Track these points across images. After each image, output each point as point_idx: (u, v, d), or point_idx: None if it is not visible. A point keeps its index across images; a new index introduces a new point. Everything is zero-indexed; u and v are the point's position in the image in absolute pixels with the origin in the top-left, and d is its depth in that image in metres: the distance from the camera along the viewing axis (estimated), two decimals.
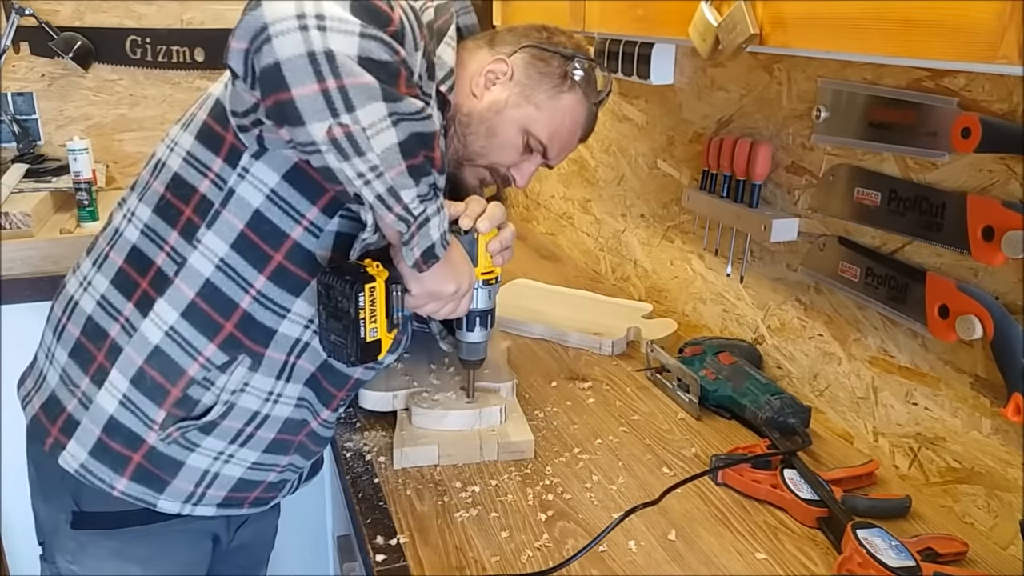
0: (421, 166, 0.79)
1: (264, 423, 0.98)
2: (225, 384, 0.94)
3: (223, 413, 0.95)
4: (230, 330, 0.92)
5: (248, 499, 1.06)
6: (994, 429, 0.93)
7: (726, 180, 1.30)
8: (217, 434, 0.96)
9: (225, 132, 0.89)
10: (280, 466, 1.06)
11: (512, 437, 1.08)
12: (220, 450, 0.98)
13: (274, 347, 0.94)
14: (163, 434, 0.94)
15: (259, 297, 0.92)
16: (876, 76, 1.03)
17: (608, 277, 1.83)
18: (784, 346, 1.27)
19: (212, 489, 1.00)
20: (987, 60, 0.59)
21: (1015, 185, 0.88)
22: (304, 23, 0.71)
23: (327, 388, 1.02)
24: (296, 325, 0.94)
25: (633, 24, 1.06)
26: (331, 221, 0.91)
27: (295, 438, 1.04)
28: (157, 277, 0.92)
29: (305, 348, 0.97)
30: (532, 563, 0.87)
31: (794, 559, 0.90)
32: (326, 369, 1.00)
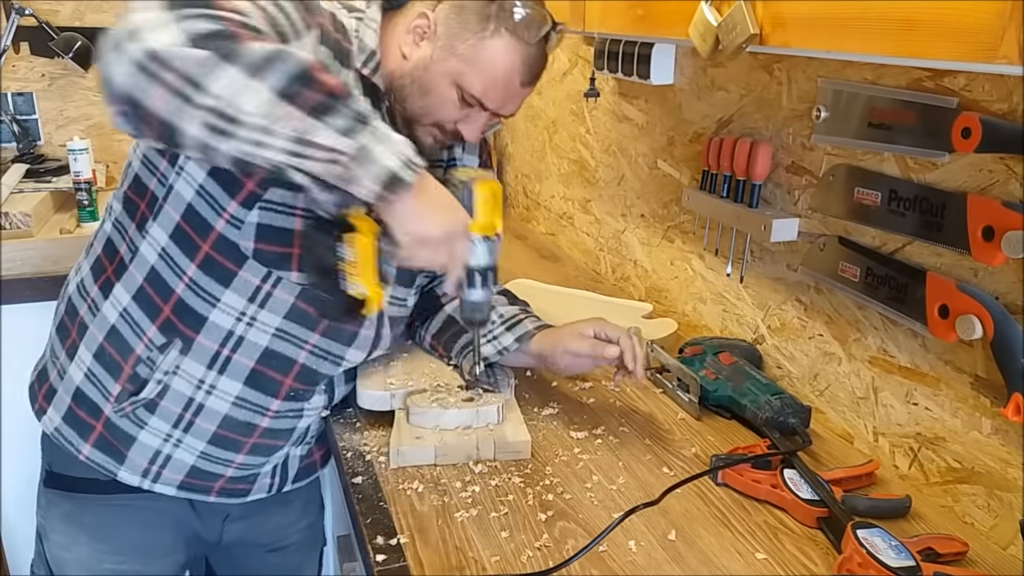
0: (322, 103, 0.74)
1: (200, 412, 1.03)
2: (161, 364, 1.01)
3: (159, 393, 1.02)
4: (167, 314, 1.00)
5: (213, 488, 1.10)
6: (994, 429, 0.93)
7: (726, 180, 1.30)
8: (160, 415, 1.03)
9: None
10: (235, 463, 1.08)
11: (509, 437, 1.08)
12: (167, 432, 1.04)
13: (205, 335, 1.00)
14: (117, 407, 1.03)
15: (191, 284, 0.98)
16: (876, 76, 1.03)
17: (608, 277, 1.83)
18: (784, 346, 1.27)
19: (167, 470, 1.06)
20: (987, 60, 0.59)
21: (1015, 185, 0.88)
22: (121, 46, 0.71)
23: (272, 377, 1.04)
24: (227, 316, 0.99)
25: (633, 24, 1.06)
26: (250, 213, 0.95)
27: (245, 439, 1.07)
28: (119, 264, 1.02)
29: (240, 342, 1.01)
30: (532, 563, 0.87)
31: (794, 559, 0.90)
32: (268, 359, 1.02)
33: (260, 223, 0.96)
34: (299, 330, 1.03)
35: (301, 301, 1.01)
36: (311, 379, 1.07)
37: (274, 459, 1.13)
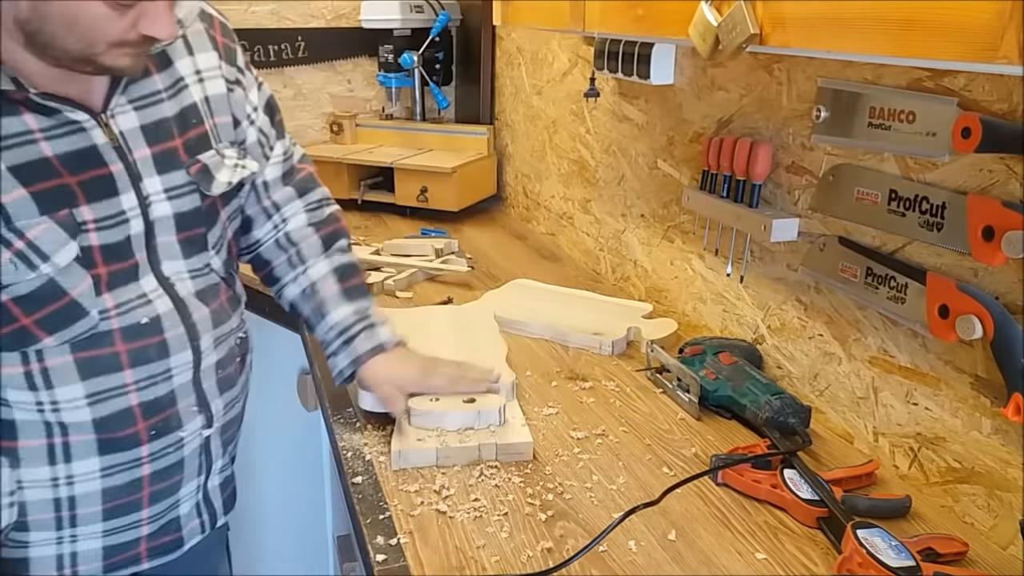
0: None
1: (76, 504, 0.93)
2: (1, 490, 0.89)
3: (20, 512, 0.91)
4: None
5: (140, 555, 1.01)
6: (994, 429, 0.93)
7: (726, 180, 1.30)
8: (36, 528, 0.93)
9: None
10: (144, 519, 0.99)
11: (511, 439, 1.07)
12: (55, 537, 0.94)
13: (25, 437, 0.89)
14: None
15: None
16: (876, 76, 1.03)
17: (608, 277, 1.83)
18: (784, 346, 1.27)
19: (81, 566, 0.96)
20: (987, 60, 0.59)
21: (1015, 185, 0.88)
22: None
23: (122, 435, 0.93)
24: (29, 411, 0.89)
25: (633, 24, 1.06)
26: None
27: (137, 495, 0.97)
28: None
29: (64, 428, 0.90)
30: (532, 563, 0.87)
31: (794, 559, 0.90)
32: (103, 425, 0.91)
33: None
34: (107, 380, 0.91)
35: (83, 353, 0.89)
36: (159, 409, 0.95)
37: (185, 498, 1.03)
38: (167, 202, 0.94)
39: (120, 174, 0.89)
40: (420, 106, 2.49)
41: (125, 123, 0.90)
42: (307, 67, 2.53)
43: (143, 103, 0.92)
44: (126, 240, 0.90)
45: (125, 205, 0.90)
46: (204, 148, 0.98)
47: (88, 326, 0.88)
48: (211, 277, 1.02)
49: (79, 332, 0.88)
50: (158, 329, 0.94)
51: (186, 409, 0.99)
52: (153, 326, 0.93)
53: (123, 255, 0.91)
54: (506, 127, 2.40)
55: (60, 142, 0.84)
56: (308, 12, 2.49)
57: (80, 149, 0.86)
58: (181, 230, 0.96)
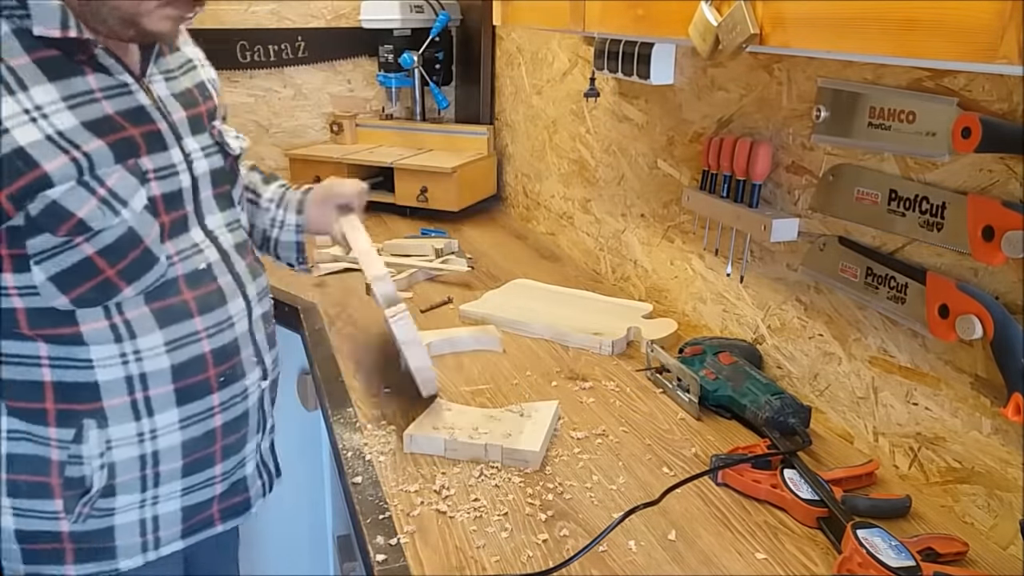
0: None
1: (159, 460, 0.98)
2: (89, 452, 0.93)
3: (109, 475, 0.95)
4: (53, 407, 0.92)
5: (215, 516, 1.06)
6: (994, 429, 0.93)
7: (726, 180, 1.30)
8: (122, 491, 0.96)
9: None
10: (217, 477, 1.04)
11: (518, 445, 1.07)
12: (139, 500, 0.98)
13: (108, 396, 0.93)
14: (72, 517, 0.95)
15: (54, 365, 0.91)
16: (876, 76, 1.03)
17: (608, 277, 1.83)
18: (784, 346, 1.27)
19: (162, 531, 1.01)
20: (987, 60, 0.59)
21: (1015, 185, 0.88)
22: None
23: (196, 382, 0.99)
24: (112, 368, 0.93)
25: (633, 24, 1.06)
26: (31, 275, 0.88)
27: (211, 448, 1.03)
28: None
29: (144, 379, 0.95)
30: (532, 563, 0.87)
31: (794, 559, 0.90)
32: (180, 372, 0.97)
33: (51, 277, 0.88)
34: (182, 328, 0.97)
35: (157, 303, 0.95)
36: (226, 357, 1.03)
37: (249, 456, 1.10)
38: (204, 159, 1.03)
39: (167, 132, 0.98)
40: (420, 106, 2.49)
41: (160, 90, 0.99)
42: (307, 67, 2.53)
43: (169, 75, 1.02)
44: (179, 192, 0.98)
45: (175, 159, 0.98)
46: (215, 118, 1.09)
47: (159, 273, 0.95)
48: (241, 232, 1.11)
49: (152, 280, 0.95)
50: (212, 276, 1.02)
51: (247, 359, 1.06)
52: (209, 272, 1.01)
53: (177, 205, 0.99)
54: (506, 127, 2.40)
55: (117, 101, 0.92)
56: (308, 12, 2.49)
57: (132, 108, 0.94)
58: (216, 186, 1.06)
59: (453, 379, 1.31)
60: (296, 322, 1.58)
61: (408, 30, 2.41)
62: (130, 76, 0.94)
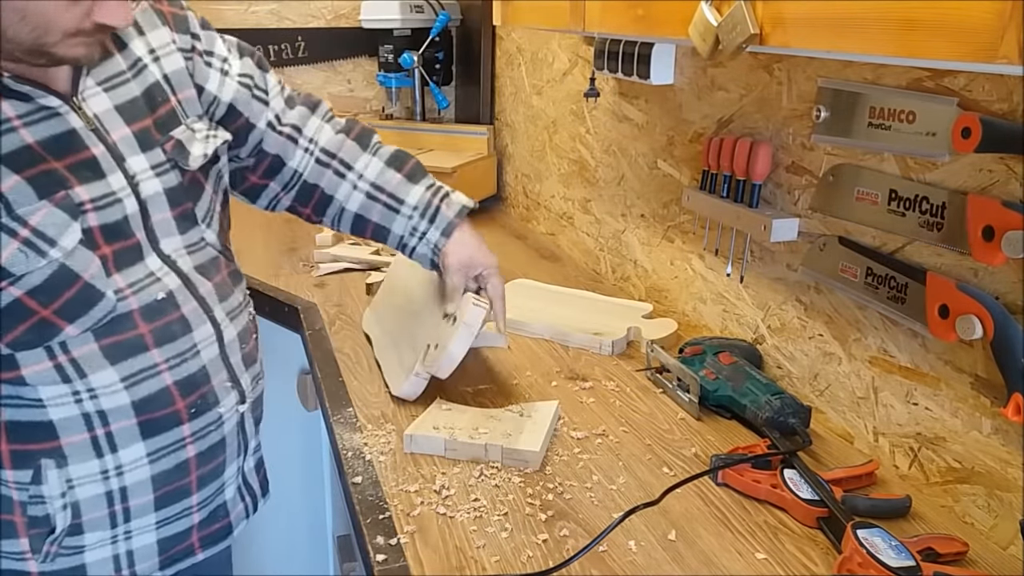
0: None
1: (129, 494, 0.93)
2: (50, 492, 0.88)
3: (73, 514, 0.90)
4: (6, 448, 0.88)
5: (194, 546, 1.02)
6: (994, 429, 0.93)
7: (726, 180, 1.30)
8: (90, 528, 0.92)
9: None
10: (194, 506, 0.99)
11: (518, 445, 1.07)
12: (110, 536, 0.93)
13: (65, 434, 0.88)
14: (40, 556, 0.91)
15: (5, 403, 0.86)
16: (876, 76, 1.03)
17: (608, 277, 1.83)
18: (784, 346, 1.27)
19: (138, 565, 0.96)
20: (987, 60, 0.59)
21: (1015, 185, 0.88)
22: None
23: (162, 415, 0.93)
24: (66, 407, 0.88)
25: (633, 24, 1.06)
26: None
27: (186, 479, 0.97)
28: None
29: (103, 416, 0.89)
30: (532, 563, 0.87)
31: (794, 559, 0.90)
32: (142, 407, 0.91)
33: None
34: (137, 362, 0.91)
35: (107, 339, 0.89)
36: (194, 386, 0.96)
37: (229, 481, 1.05)
38: (155, 179, 0.94)
39: (103, 156, 0.89)
40: (420, 106, 2.49)
41: (98, 105, 0.90)
42: (307, 67, 2.53)
43: (112, 84, 0.92)
44: (124, 220, 0.90)
45: (115, 186, 0.89)
46: (174, 125, 0.98)
47: (107, 309, 0.88)
48: (208, 251, 1.01)
49: (99, 316, 0.88)
50: (174, 304, 0.94)
51: (220, 385, 0.99)
52: (170, 301, 0.93)
53: (123, 234, 0.90)
54: (506, 127, 2.40)
55: (39, 127, 0.84)
56: (308, 12, 2.49)
57: (59, 134, 0.85)
58: (173, 206, 0.96)
59: (453, 379, 1.31)
60: (296, 322, 1.58)
61: (408, 30, 2.41)
62: (56, 98, 0.84)
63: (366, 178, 1.18)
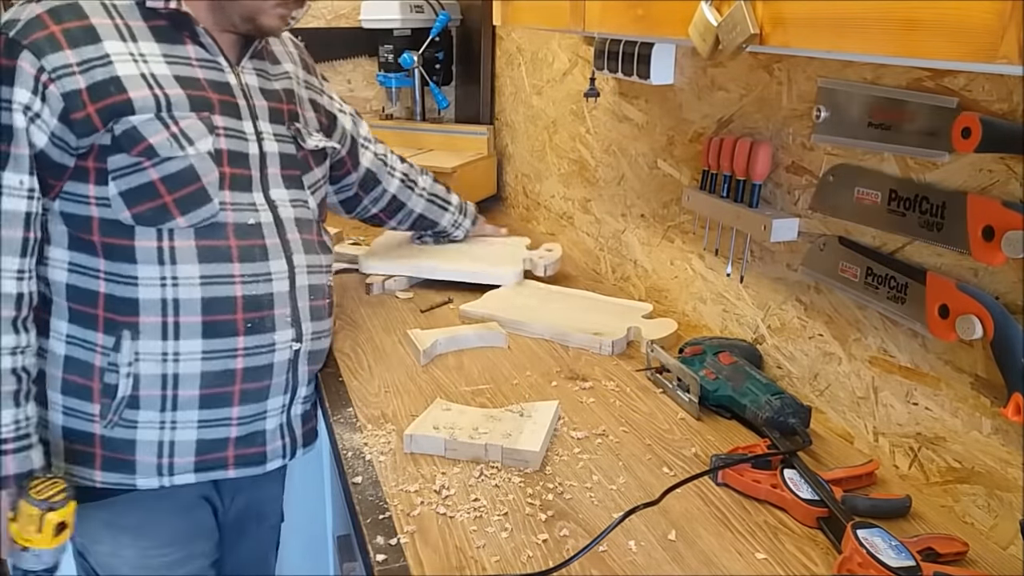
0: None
1: (178, 383, 1.09)
2: (121, 360, 1.07)
3: (133, 385, 1.08)
4: (103, 315, 1.07)
5: (228, 460, 1.13)
6: (994, 429, 0.93)
7: (726, 180, 1.30)
8: (145, 405, 1.08)
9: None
10: (233, 419, 1.12)
11: (519, 445, 1.07)
12: (159, 420, 1.09)
13: (145, 313, 1.07)
14: (104, 422, 1.09)
15: (107, 278, 1.07)
16: (876, 76, 1.03)
17: (608, 277, 1.83)
18: (784, 346, 1.27)
19: (177, 457, 1.11)
20: (987, 60, 0.59)
21: (1015, 185, 0.88)
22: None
23: (223, 320, 1.09)
24: (152, 288, 1.06)
25: (633, 24, 1.06)
26: (108, 188, 1.04)
27: (230, 388, 1.11)
28: (43, 301, 1.10)
29: (177, 304, 1.07)
30: (532, 563, 0.87)
31: (794, 559, 0.90)
32: (209, 306, 1.08)
33: (121, 192, 1.04)
34: (219, 268, 1.09)
35: (203, 240, 1.08)
36: (257, 306, 1.12)
37: (272, 413, 1.15)
38: (275, 142, 1.18)
39: (243, 108, 1.15)
40: (420, 106, 2.49)
41: (250, 80, 1.17)
42: None
43: (262, 74, 1.20)
44: (245, 155, 1.13)
45: (246, 129, 1.14)
46: (298, 120, 1.24)
47: (210, 212, 1.08)
48: (306, 211, 1.22)
49: (203, 217, 1.08)
50: (260, 234, 1.13)
51: (281, 317, 1.14)
52: (256, 229, 1.12)
53: (242, 164, 1.13)
54: (506, 127, 2.40)
55: (208, 71, 1.12)
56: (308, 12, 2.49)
57: (220, 81, 1.13)
58: (284, 167, 1.19)
59: (454, 379, 1.31)
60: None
61: (408, 30, 2.41)
62: (224, 60, 1.13)
63: (426, 189, 1.69)
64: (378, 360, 1.38)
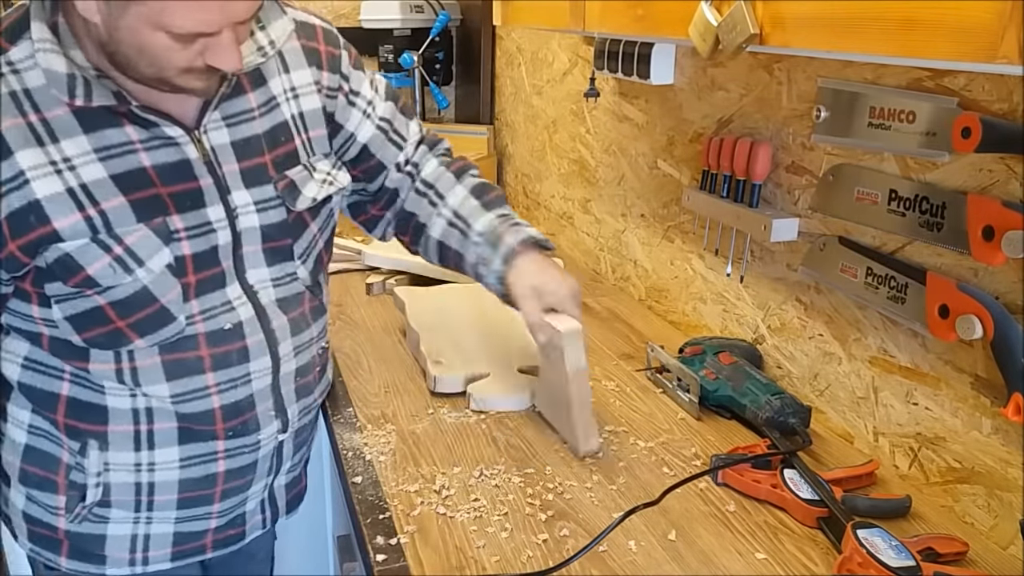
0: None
1: (154, 490, 0.99)
2: (89, 467, 0.96)
3: (104, 492, 0.98)
4: (63, 420, 0.96)
5: (206, 546, 1.06)
6: (994, 429, 0.93)
7: (726, 180, 1.30)
8: (117, 506, 0.99)
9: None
10: (214, 513, 1.04)
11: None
12: (132, 517, 1.00)
13: (114, 422, 0.95)
14: (70, 516, 0.99)
15: (74, 379, 0.94)
16: (876, 76, 1.03)
17: (608, 277, 1.83)
18: (784, 346, 1.27)
19: (151, 551, 1.03)
20: (987, 60, 0.59)
21: (1015, 185, 0.88)
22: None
23: (201, 429, 0.98)
24: (121, 397, 0.94)
25: (633, 24, 1.06)
26: (52, 311, 0.90)
27: (211, 489, 1.02)
28: (1, 383, 0.99)
29: (149, 414, 0.96)
30: (532, 563, 0.87)
31: (794, 559, 0.90)
32: (185, 419, 0.97)
33: (67, 316, 0.90)
34: (191, 382, 0.96)
35: (170, 355, 0.94)
36: (238, 412, 0.99)
37: (253, 495, 1.08)
38: (255, 214, 0.96)
39: (209, 188, 0.92)
40: (420, 106, 2.49)
41: (217, 139, 0.93)
42: None
43: (235, 120, 0.95)
44: (213, 249, 0.94)
45: (212, 217, 0.93)
46: (292, 164, 1.00)
47: (176, 331, 0.93)
48: (295, 286, 1.03)
49: (167, 336, 0.93)
50: (240, 335, 0.97)
51: (264, 413, 1.02)
52: (236, 332, 0.97)
53: (210, 263, 0.94)
54: (506, 127, 2.40)
55: (157, 153, 0.89)
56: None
57: (174, 162, 0.90)
58: (267, 241, 0.99)
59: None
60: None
61: (408, 30, 2.41)
62: (178, 128, 0.89)
63: (450, 206, 1.15)
64: (378, 360, 1.38)
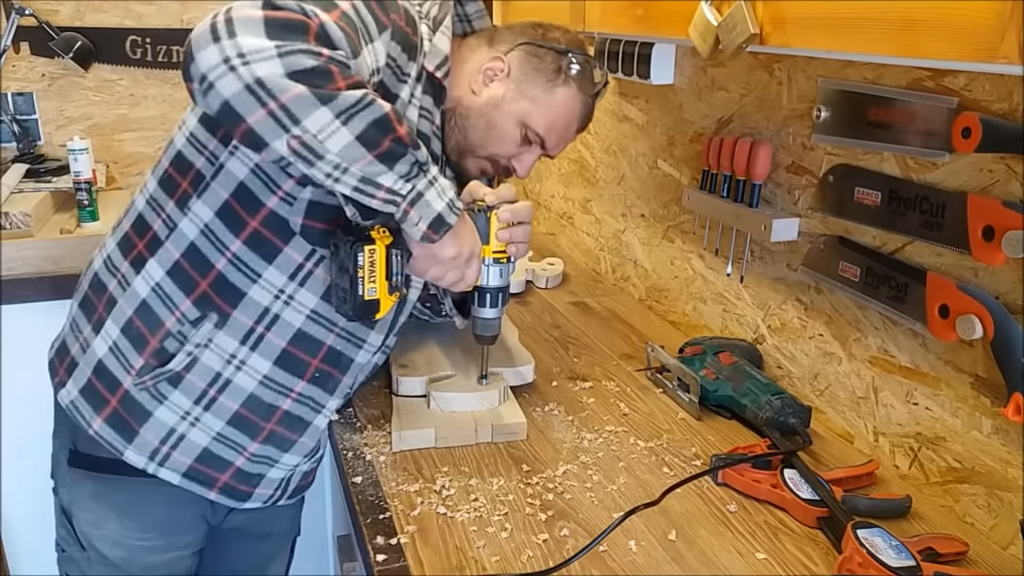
0: (390, 150, 0.86)
1: (226, 389, 1.04)
2: (193, 337, 1.02)
3: (187, 365, 1.03)
4: (205, 288, 1.02)
5: (218, 481, 1.09)
6: (994, 429, 0.93)
7: (726, 180, 1.30)
8: (183, 389, 1.04)
9: None
10: (248, 451, 1.08)
11: (505, 419, 1.10)
12: (186, 409, 1.04)
13: (242, 310, 1.02)
14: (138, 380, 1.03)
15: (234, 260, 1.00)
16: (876, 76, 1.03)
17: (608, 277, 1.83)
18: (784, 346, 1.27)
19: (177, 452, 1.06)
20: (987, 60, 0.59)
21: (1015, 185, 0.88)
22: (231, 64, 0.81)
23: (300, 358, 1.05)
24: (266, 293, 1.01)
25: (633, 24, 1.06)
26: (304, 190, 0.98)
27: (264, 423, 1.07)
28: (152, 240, 1.03)
29: (275, 320, 1.02)
30: (532, 563, 0.87)
31: (794, 559, 0.90)
32: (299, 339, 1.04)
33: (312, 200, 0.99)
34: (330, 313, 1.04)
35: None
36: (335, 361, 1.08)
37: (284, 463, 1.12)
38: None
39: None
40: None
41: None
42: None
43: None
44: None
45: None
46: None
47: None
48: (408, 304, 1.15)
49: None
50: (373, 323, 1.08)
51: (344, 383, 1.10)
52: (374, 321, 1.06)
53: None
54: None
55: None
56: None
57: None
58: None
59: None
60: None
61: None
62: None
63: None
64: None
